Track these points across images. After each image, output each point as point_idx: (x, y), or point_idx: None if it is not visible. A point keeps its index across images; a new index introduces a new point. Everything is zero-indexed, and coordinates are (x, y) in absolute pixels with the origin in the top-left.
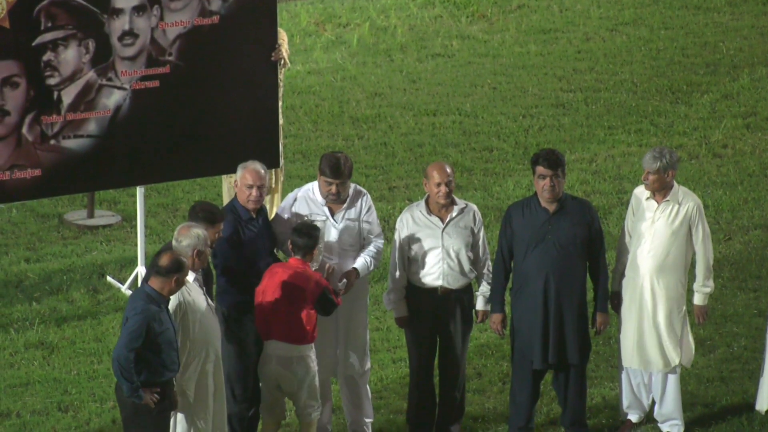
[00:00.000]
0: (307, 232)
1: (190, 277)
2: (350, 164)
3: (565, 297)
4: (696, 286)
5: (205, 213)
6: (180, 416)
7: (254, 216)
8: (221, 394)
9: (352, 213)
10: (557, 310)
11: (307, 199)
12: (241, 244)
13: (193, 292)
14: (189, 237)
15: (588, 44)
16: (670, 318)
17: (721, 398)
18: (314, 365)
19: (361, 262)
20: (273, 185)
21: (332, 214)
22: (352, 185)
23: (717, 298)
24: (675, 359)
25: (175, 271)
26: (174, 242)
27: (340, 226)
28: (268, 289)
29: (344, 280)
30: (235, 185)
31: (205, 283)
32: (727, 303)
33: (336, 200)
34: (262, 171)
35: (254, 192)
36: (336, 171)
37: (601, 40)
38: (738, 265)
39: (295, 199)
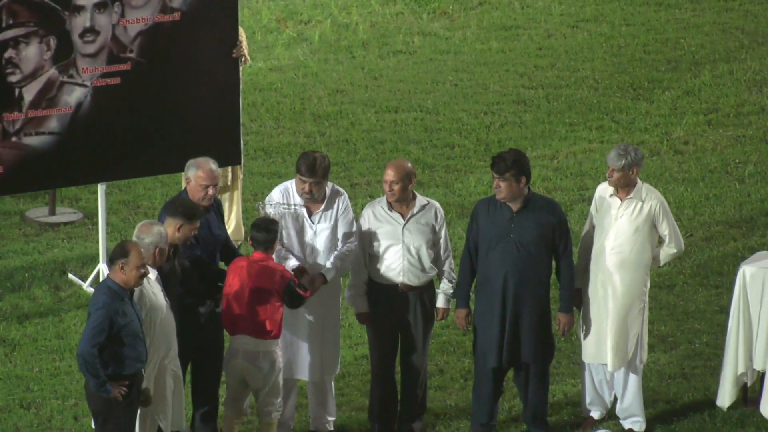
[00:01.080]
0: (265, 227)
1: (152, 274)
2: (326, 164)
3: (523, 296)
4: (662, 255)
5: (185, 209)
6: (139, 412)
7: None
8: (180, 391)
9: (329, 214)
10: (514, 308)
11: (284, 197)
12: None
13: (155, 288)
14: (151, 234)
15: (549, 41)
16: (631, 315)
17: (683, 395)
18: (280, 361)
19: (330, 267)
20: (230, 183)
21: (310, 215)
22: (331, 185)
23: (679, 295)
24: (636, 356)
25: (118, 257)
26: (135, 239)
27: (317, 227)
28: (234, 283)
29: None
30: (187, 181)
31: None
32: (688, 299)
33: (310, 199)
34: (216, 169)
35: (210, 191)
36: (310, 170)
37: (562, 37)
38: (699, 262)
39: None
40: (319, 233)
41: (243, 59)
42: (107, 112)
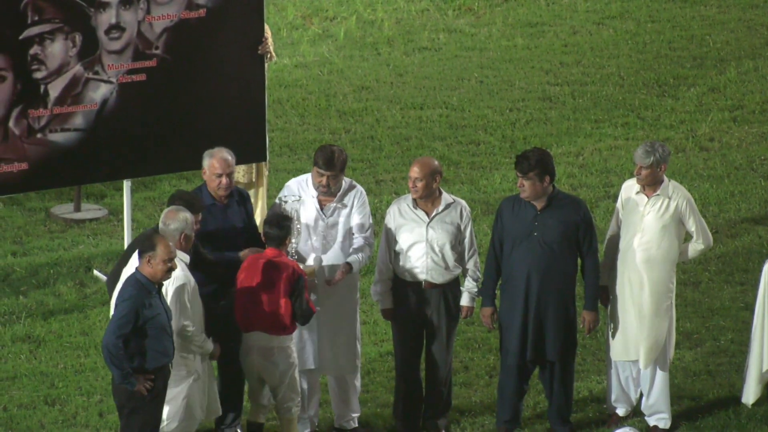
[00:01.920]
0: (277, 223)
1: (185, 257)
2: (344, 158)
3: (547, 294)
4: (690, 249)
5: (182, 202)
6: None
7: (220, 203)
8: (209, 375)
9: (342, 208)
10: (538, 306)
11: (300, 188)
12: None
13: (187, 273)
14: (177, 221)
15: (575, 38)
16: (658, 312)
17: (708, 392)
18: (294, 356)
19: (354, 257)
20: (255, 179)
21: (321, 207)
22: (348, 180)
23: (704, 292)
24: (663, 353)
25: (146, 250)
26: (161, 225)
27: (328, 220)
28: (246, 280)
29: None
30: (203, 173)
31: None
32: (713, 296)
33: (327, 192)
34: (230, 158)
35: (224, 180)
36: (328, 163)
37: (587, 34)
38: (725, 259)
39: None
40: (331, 226)
41: (268, 56)
42: (133, 108)
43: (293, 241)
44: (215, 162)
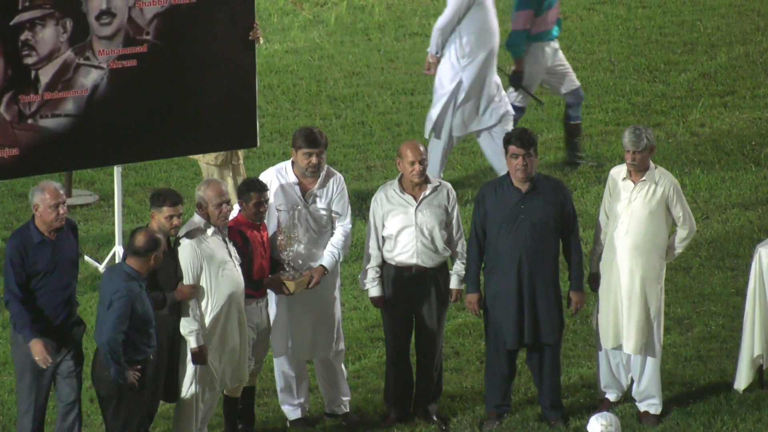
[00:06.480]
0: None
1: (209, 230)
2: (325, 135)
3: (538, 276)
4: (677, 243)
5: (156, 196)
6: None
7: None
8: (241, 354)
9: (323, 194)
10: (531, 289)
11: (279, 175)
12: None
13: (212, 244)
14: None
15: (565, 23)
16: (648, 298)
17: (699, 377)
18: (250, 324)
19: (329, 258)
20: (230, 160)
21: (303, 194)
22: (326, 166)
23: (694, 277)
24: (654, 339)
25: (152, 250)
26: (205, 196)
27: (311, 207)
28: None
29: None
30: (35, 209)
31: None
32: (704, 282)
33: (315, 172)
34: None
35: (62, 209)
36: (313, 140)
37: (578, 19)
38: (715, 244)
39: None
40: (313, 213)
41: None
42: (123, 94)
43: (291, 249)
44: (47, 194)
